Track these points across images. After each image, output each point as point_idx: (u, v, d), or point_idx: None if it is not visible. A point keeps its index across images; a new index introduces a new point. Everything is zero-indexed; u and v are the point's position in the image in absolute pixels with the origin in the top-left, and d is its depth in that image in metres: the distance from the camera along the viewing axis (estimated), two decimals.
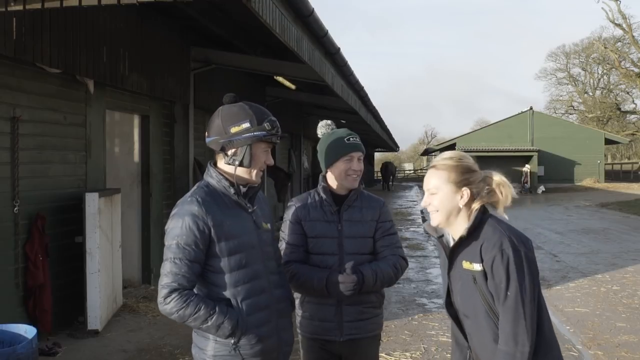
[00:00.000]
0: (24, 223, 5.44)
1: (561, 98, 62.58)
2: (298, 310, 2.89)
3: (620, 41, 49.98)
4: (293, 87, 12.95)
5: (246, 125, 2.33)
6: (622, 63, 49.65)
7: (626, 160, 59.96)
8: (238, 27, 8.53)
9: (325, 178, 2.93)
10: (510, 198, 2.28)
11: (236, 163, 2.36)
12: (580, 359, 5.36)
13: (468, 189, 2.22)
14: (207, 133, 2.42)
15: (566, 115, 59.16)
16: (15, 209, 5.30)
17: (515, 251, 2.10)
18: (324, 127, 2.99)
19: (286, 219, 2.94)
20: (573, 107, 61.68)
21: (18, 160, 5.33)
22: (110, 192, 6.46)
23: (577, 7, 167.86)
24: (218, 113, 2.39)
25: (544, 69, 76.73)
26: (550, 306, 2.66)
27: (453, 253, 2.25)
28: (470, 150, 36.36)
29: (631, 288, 8.15)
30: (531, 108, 39.50)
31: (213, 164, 2.45)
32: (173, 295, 2.22)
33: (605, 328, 6.27)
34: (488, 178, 2.28)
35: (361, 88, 10.65)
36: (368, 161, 40.12)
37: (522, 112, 39.57)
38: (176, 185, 8.66)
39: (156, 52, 7.74)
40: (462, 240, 2.19)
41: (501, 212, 2.28)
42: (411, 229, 15.19)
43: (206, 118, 9.01)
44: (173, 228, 2.29)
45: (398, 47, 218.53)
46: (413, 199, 27.49)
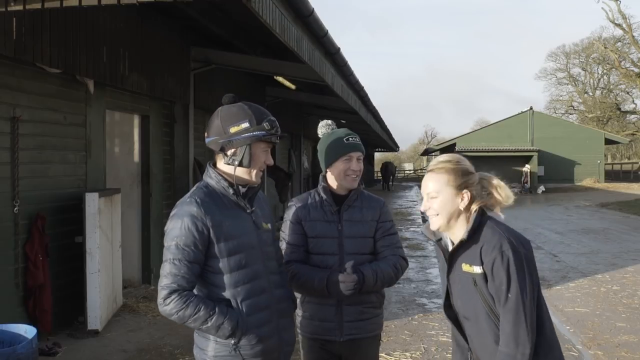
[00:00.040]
0: (24, 223, 5.44)
1: (561, 98, 62.63)
2: (298, 310, 2.89)
3: (620, 41, 49.99)
4: (293, 87, 12.95)
5: (245, 125, 2.33)
6: (622, 63, 49.64)
7: (626, 160, 59.95)
8: (238, 27, 8.53)
9: (325, 178, 2.93)
10: (511, 198, 2.28)
11: (235, 163, 2.36)
12: (580, 359, 5.36)
13: (468, 192, 2.22)
14: (207, 133, 2.42)
15: (566, 115, 59.18)
16: (15, 209, 5.30)
17: (515, 253, 2.10)
18: (324, 127, 2.99)
19: (286, 219, 2.94)
20: (573, 107, 61.69)
21: (18, 160, 5.33)
22: (110, 192, 6.46)
23: (577, 7, 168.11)
24: (217, 113, 2.39)
25: (544, 69, 76.91)
26: (550, 306, 2.66)
27: (452, 256, 2.25)
28: (470, 150, 36.40)
29: (631, 288, 8.15)
30: (531, 108, 39.48)
31: (212, 165, 2.45)
32: (173, 296, 2.22)
33: (605, 328, 6.26)
34: (484, 180, 2.28)
35: (361, 88, 10.65)
36: (368, 161, 40.11)
37: (522, 112, 39.54)
38: (176, 185, 8.66)
39: (156, 52, 7.75)
40: (462, 243, 2.19)
41: (497, 213, 2.27)
42: (411, 229, 15.19)
43: (206, 118, 9.01)
44: (172, 229, 2.29)
45: (398, 47, 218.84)
46: (413, 199, 27.48)
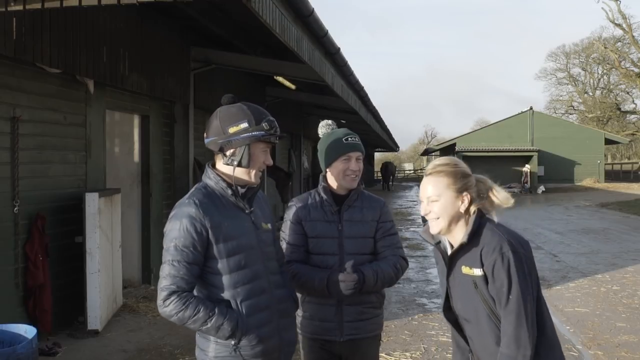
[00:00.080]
0: (24, 223, 5.44)
1: (561, 98, 62.60)
2: (298, 310, 2.89)
3: (620, 41, 49.97)
4: (293, 87, 12.95)
5: (244, 125, 2.33)
6: (622, 63, 49.62)
7: (626, 160, 59.94)
8: (238, 27, 8.53)
9: (325, 178, 2.93)
10: (509, 199, 2.27)
11: (234, 163, 2.36)
12: (580, 359, 5.36)
13: (468, 194, 2.22)
14: (206, 134, 2.42)
15: (566, 115, 59.16)
16: (15, 209, 5.30)
17: (515, 254, 2.10)
18: (325, 127, 2.99)
19: (287, 219, 2.94)
20: (573, 107, 61.68)
21: (18, 160, 5.32)
22: (110, 192, 6.46)
23: (577, 7, 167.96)
24: (216, 114, 2.39)
25: (544, 69, 76.87)
26: (550, 306, 2.65)
27: (452, 259, 2.24)
28: (470, 150, 36.42)
29: (631, 288, 8.15)
30: (531, 108, 39.47)
31: (211, 166, 2.45)
32: (172, 297, 2.22)
33: (605, 328, 6.26)
34: (480, 182, 2.28)
35: (361, 88, 10.64)
36: (368, 161, 40.11)
37: (522, 112, 39.52)
38: (176, 185, 8.66)
39: (156, 52, 7.75)
40: (462, 246, 2.19)
41: (493, 214, 2.27)
42: (411, 229, 15.19)
43: (206, 118, 8.97)
44: (171, 230, 2.29)
45: (398, 47, 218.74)
46: (413, 199, 27.48)
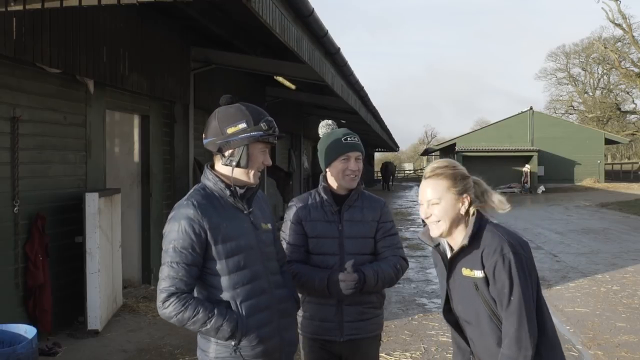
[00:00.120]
0: (24, 223, 5.44)
1: (561, 98, 62.58)
2: (299, 310, 2.89)
3: (620, 41, 49.94)
4: (293, 87, 12.95)
5: (242, 125, 2.33)
6: (622, 63, 49.60)
7: (626, 160, 59.93)
8: (238, 27, 8.53)
9: (325, 178, 2.93)
10: (504, 204, 2.27)
11: (233, 164, 2.36)
12: (580, 359, 5.36)
13: (468, 196, 2.22)
14: (205, 135, 2.42)
15: (566, 115, 59.14)
16: (15, 209, 5.30)
17: (515, 255, 2.10)
18: (325, 127, 2.99)
19: (287, 219, 2.94)
20: (573, 107, 61.66)
21: (18, 160, 5.32)
22: (110, 192, 6.46)
23: (577, 7, 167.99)
24: (214, 114, 2.40)
25: (544, 69, 76.89)
26: (550, 306, 2.65)
27: (452, 261, 2.24)
28: (470, 150, 36.41)
29: (631, 288, 8.15)
30: (531, 108, 39.45)
31: (210, 166, 2.45)
32: (171, 299, 2.22)
33: (605, 328, 6.26)
34: (476, 185, 2.28)
35: (361, 88, 10.64)
36: (368, 161, 40.10)
37: (522, 112, 39.50)
38: (176, 185, 8.66)
39: (156, 52, 7.75)
40: (463, 248, 2.18)
41: (489, 215, 2.27)
42: (411, 229, 15.18)
43: (206, 118, 8.95)
44: (169, 232, 2.29)
45: (398, 47, 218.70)
46: (413, 199, 27.48)
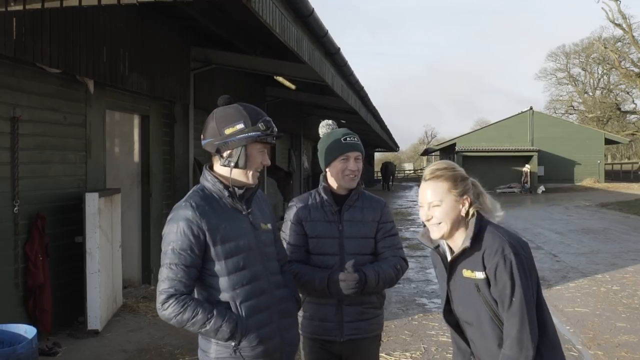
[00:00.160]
0: (24, 223, 5.44)
1: (561, 98, 62.57)
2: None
3: (620, 41, 49.92)
4: (293, 87, 12.95)
5: (240, 126, 2.33)
6: (622, 63, 49.58)
7: (626, 160, 59.91)
8: (238, 27, 8.53)
9: (325, 178, 2.93)
10: (498, 211, 2.27)
11: (231, 164, 2.36)
12: (580, 359, 5.36)
13: (468, 197, 2.22)
14: (203, 136, 2.43)
15: (566, 115, 59.12)
16: (15, 209, 5.30)
17: (517, 256, 2.10)
18: (325, 127, 3.00)
19: (287, 219, 2.94)
20: (573, 107, 61.64)
21: (18, 160, 5.32)
22: (110, 192, 6.46)
23: (577, 7, 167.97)
24: (212, 115, 2.40)
25: (544, 69, 76.82)
26: (550, 306, 2.65)
27: (453, 263, 2.24)
28: (470, 150, 36.41)
29: (631, 288, 8.15)
30: (531, 108, 39.43)
31: (209, 167, 2.45)
32: (170, 300, 2.23)
33: (605, 328, 6.26)
34: (474, 186, 2.28)
35: (361, 88, 10.64)
36: (368, 161, 40.11)
37: (522, 112, 39.49)
38: (176, 185, 8.66)
39: (156, 52, 7.74)
40: (465, 250, 2.18)
41: (489, 216, 2.27)
42: (411, 229, 15.18)
43: (206, 118, 9.01)
44: (168, 233, 2.29)
45: (398, 47, 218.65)
46: (413, 199, 27.47)
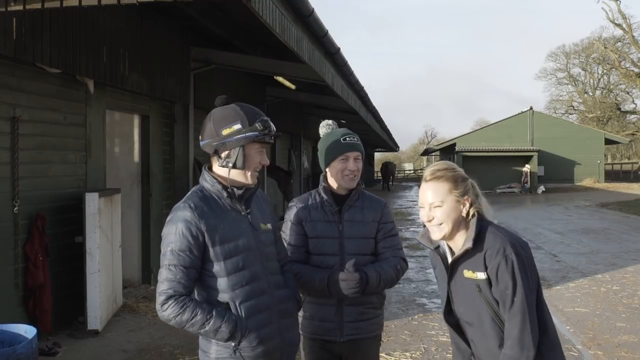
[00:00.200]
0: (24, 223, 5.44)
1: (561, 98, 62.57)
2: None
3: (620, 41, 49.92)
4: (293, 87, 12.95)
5: (237, 126, 2.33)
6: (622, 63, 49.58)
7: (626, 160, 59.91)
8: (238, 27, 8.53)
9: (325, 178, 2.93)
10: (490, 212, 2.28)
11: (230, 165, 2.36)
12: (580, 359, 5.36)
13: (468, 198, 2.22)
14: (201, 137, 2.43)
15: (566, 115, 59.12)
16: (15, 209, 5.30)
17: (518, 256, 2.10)
18: (325, 127, 2.99)
19: (287, 220, 2.94)
20: (573, 107, 61.64)
21: (18, 160, 5.32)
22: (110, 192, 6.46)
23: (577, 7, 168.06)
24: (210, 116, 2.40)
25: (544, 69, 76.79)
26: (550, 306, 2.65)
27: (454, 264, 2.24)
28: (470, 150, 36.40)
29: (631, 288, 8.15)
30: (531, 108, 39.43)
31: (208, 168, 2.45)
32: (170, 301, 2.23)
33: (605, 328, 6.26)
34: (473, 187, 2.28)
35: (361, 88, 10.64)
36: (368, 161, 40.12)
37: (522, 112, 39.48)
38: (176, 185, 8.66)
39: (156, 52, 7.74)
40: (467, 251, 2.18)
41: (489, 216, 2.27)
42: (411, 229, 15.18)
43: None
44: (167, 235, 2.30)
45: (398, 47, 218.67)
46: (413, 199, 27.47)
